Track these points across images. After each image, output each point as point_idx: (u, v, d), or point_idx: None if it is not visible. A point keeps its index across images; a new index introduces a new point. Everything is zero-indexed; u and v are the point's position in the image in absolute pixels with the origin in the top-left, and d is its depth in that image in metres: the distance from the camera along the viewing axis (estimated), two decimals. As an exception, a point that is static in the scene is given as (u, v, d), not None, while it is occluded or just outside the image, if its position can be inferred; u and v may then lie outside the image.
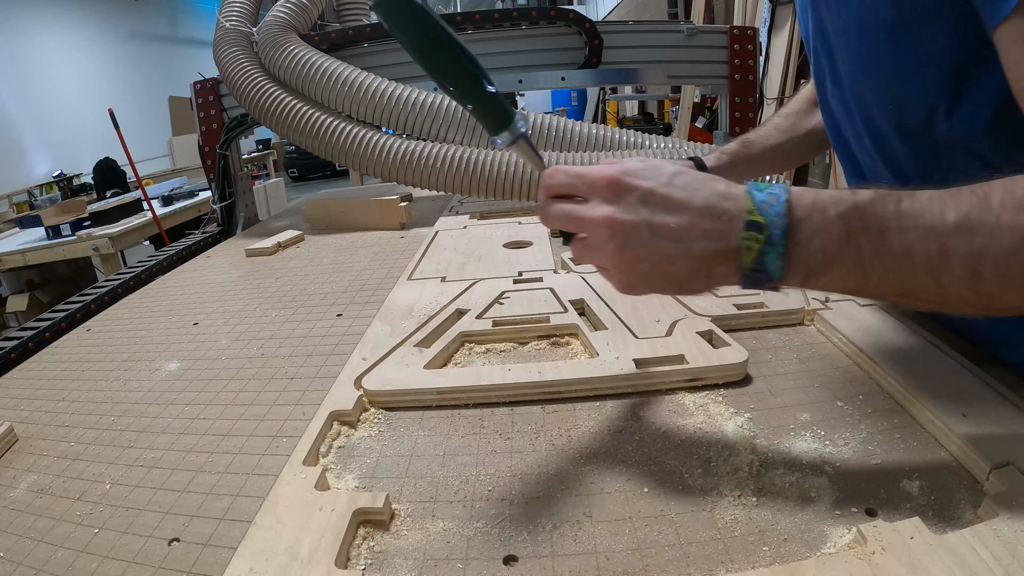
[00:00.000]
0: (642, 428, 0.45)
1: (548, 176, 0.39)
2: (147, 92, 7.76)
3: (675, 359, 0.52)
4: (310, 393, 0.55)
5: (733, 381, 0.50)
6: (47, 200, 4.27)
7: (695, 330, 0.56)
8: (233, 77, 1.18)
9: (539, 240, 0.92)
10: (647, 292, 0.38)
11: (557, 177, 0.39)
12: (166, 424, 0.53)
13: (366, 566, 0.35)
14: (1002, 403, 0.42)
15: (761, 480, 0.39)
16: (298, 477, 0.41)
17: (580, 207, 0.37)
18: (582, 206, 0.37)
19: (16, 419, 0.55)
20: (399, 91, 1.10)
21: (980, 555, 0.30)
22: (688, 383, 0.50)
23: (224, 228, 1.41)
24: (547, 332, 0.61)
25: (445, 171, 1.07)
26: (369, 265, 0.93)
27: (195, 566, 0.36)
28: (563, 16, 1.28)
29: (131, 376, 0.63)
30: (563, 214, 0.38)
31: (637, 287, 0.38)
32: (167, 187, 3.66)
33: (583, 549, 0.35)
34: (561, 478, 0.41)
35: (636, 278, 0.37)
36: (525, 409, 0.49)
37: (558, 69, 1.28)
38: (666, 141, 1.13)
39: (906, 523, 0.33)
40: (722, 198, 0.35)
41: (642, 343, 0.55)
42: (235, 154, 1.39)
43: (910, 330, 0.54)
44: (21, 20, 6.23)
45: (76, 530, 0.40)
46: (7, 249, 2.68)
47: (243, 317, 0.76)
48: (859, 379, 0.50)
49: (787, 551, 0.33)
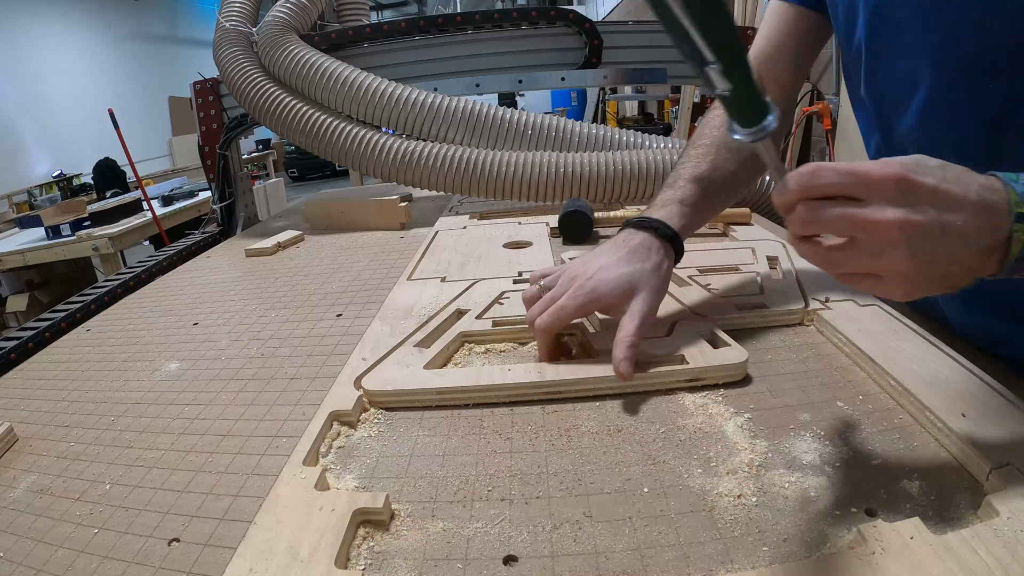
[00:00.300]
0: (642, 428, 0.45)
1: (813, 175, 0.35)
2: (147, 92, 7.76)
3: (675, 359, 0.52)
4: (310, 393, 0.55)
5: (733, 381, 0.50)
6: (47, 200, 4.28)
7: (695, 330, 0.56)
8: (233, 77, 1.18)
9: (539, 240, 0.92)
10: (925, 295, 0.36)
11: (826, 176, 0.34)
12: (166, 424, 0.53)
13: (366, 566, 0.35)
14: (1002, 403, 0.42)
15: (761, 480, 0.39)
16: (298, 477, 0.41)
17: (863, 210, 0.34)
18: (864, 208, 0.34)
19: (16, 419, 0.55)
20: (399, 91, 1.10)
21: (980, 555, 0.30)
22: (688, 383, 0.50)
23: (224, 228, 1.41)
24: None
25: (445, 171, 1.07)
26: (369, 265, 0.93)
27: (195, 566, 0.36)
28: (563, 16, 1.28)
29: (131, 376, 0.63)
30: (841, 218, 0.34)
31: (919, 291, 0.36)
32: (167, 187, 3.67)
33: (583, 549, 0.35)
34: (561, 478, 0.41)
35: (923, 282, 0.35)
36: (525, 409, 0.49)
37: (558, 69, 1.28)
38: (666, 141, 1.13)
39: (906, 523, 0.33)
40: (990, 191, 0.34)
41: (642, 343, 0.54)
42: (235, 154, 1.39)
43: (910, 330, 0.54)
44: (21, 20, 6.23)
45: (76, 530, 0.40)
46: (7, 249, 2.69)
47: (243, 317, 0.77)
48: (859, 379, 0.50)
49: (787, 551, 0.33)
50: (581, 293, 0.52)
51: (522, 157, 1.05)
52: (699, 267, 0.73)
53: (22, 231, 3.09)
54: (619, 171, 1.03)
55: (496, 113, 1.11)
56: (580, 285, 0.52)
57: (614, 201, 1.07)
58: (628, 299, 0.51)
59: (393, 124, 1.13)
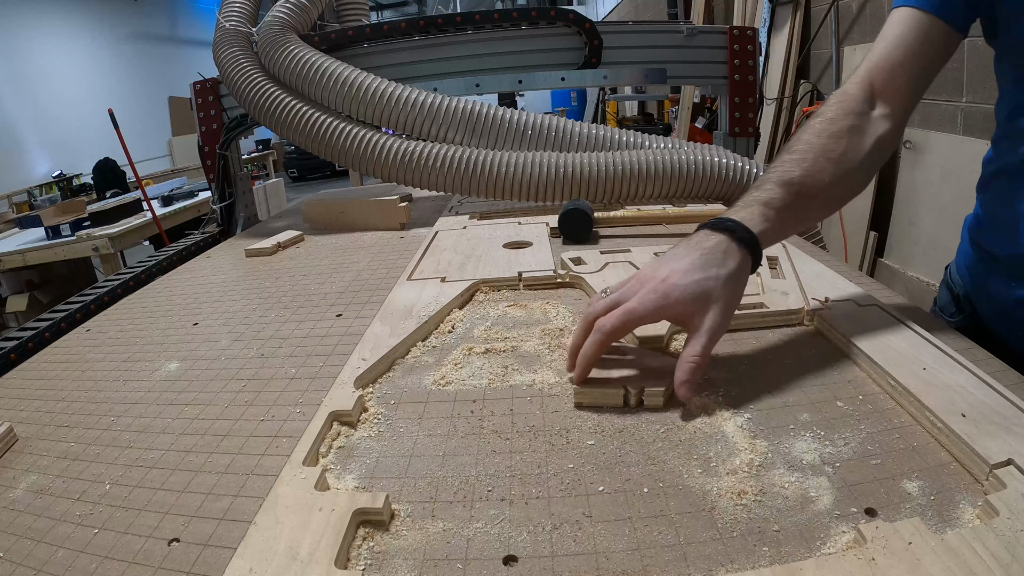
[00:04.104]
0: (642, 428, 0.45)
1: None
2: (147, 92, 7.77)
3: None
4: (310, 393, 0.55)
5: (731, 382, 0.50)
6: (47, 200, 4.28)
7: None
8: (233, 77, 1.18)
9: (539, 240, 0.92)
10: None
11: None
12: (166, 424, 0.53)
13: (366, 566, 0.35)
14: (1002, 403, 0.42)
15: (761, 480, 0.39)
16: (298, 477, 0.41)
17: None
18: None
19: (16, 419, 0.55)
20: (399, 91, 1.10)
21: (980, 555, 0.30)
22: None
23: (224, 228, 1.41)
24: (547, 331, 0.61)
25: (445, 171, 1.07)
26: (369, 265, 0.93)
27: (195, 566, 0.36)
28: (563, 16, 1.28)
29: (131, 376, 0.63)
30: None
31: None
32: (167, 187, 3.67)
33: (583, 549, 0.35)
34: (561, 478, 0.41)
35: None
36: (525, 409, 0.49)
37: (558, 69, 1.28)
38: (666, 141, 1.13)
39: (906, 523, 0.33)
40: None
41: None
42: (235, 154, 1.39)
43: (910, 330, 0.54)
44: (21, 20, 6.23)
45: (76, 530, 0.40)
46: (7, 249, 2.69)
47: (243, 317, 0.76)
48: (859, 379, 0.50)
49: (787, 551, 0.33)
50: (653, 297, 0.47)
51: (522, 157, 1.05)
52: (699, 267, 0.73)
53: (22, 231, 3.10)
54: (619, 171, 1.03)
55: (496, 113, 1.11)
56: (652, 288, 0.48)
57: (614, 201, 1.07)
58: (701, 310, 0.47)
59: (393, 124, 1.12)
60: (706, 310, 0.47)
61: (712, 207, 1.02)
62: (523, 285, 0.75)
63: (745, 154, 1.31)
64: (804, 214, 0.55)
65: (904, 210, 2.35)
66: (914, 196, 2.28)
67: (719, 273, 0.48)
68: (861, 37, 2.60)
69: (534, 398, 0.50)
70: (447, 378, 0.55)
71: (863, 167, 0.56)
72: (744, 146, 1.35)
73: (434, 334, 0.64)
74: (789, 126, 3.07)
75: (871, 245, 2.48)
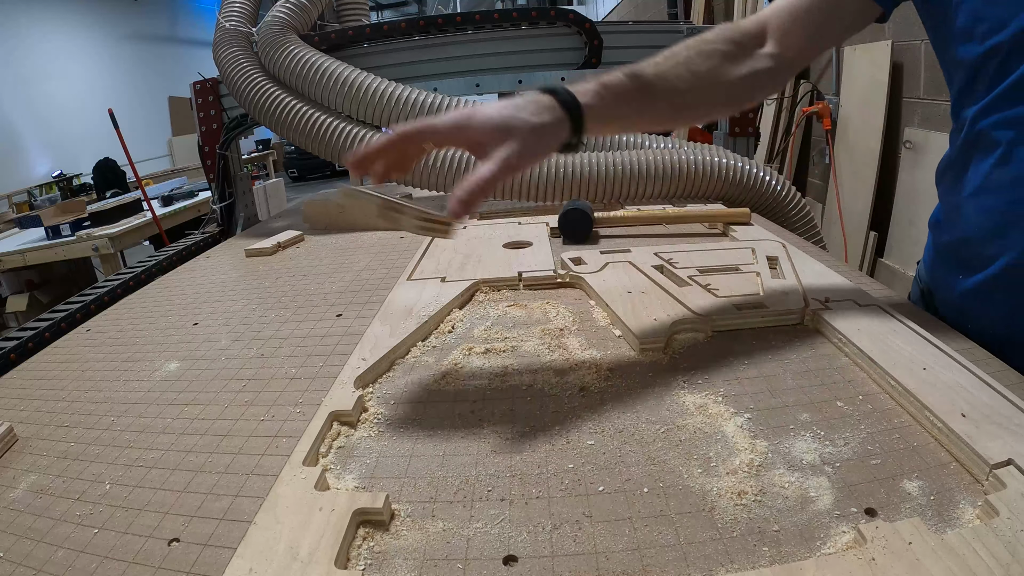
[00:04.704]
0: (642, 428, 0.45)
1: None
2: (147, 92, 7.77)
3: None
4: (310, 393, 0.55)
5: (731, 382, 0.50)
6: (47, 200, 4.27)
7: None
8: (233, 77, 1.18)
9: (539, 240, 0.92)
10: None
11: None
12: (166, 424, 0.53)
13: (366, 566, 0.35)
14: (1002, 403, 0.42)
15: (761, 480, 0.39)
16: (298, 477, 0.41)
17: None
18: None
19: (16, 419, 0.55)
20: (399, 91, 1.10)
21: (980, 555, 0.30)
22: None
23: (224, 228, 1.41)
24: (547, 331, 0.61)
25: (445, 171, 1.07)
26: (369, 265, 0.93)
27: (195, 566, 0.36)
28: (563, 16, 1.28)
29: (131, 376, 0.63)
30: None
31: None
32: (167, 187, 3.67)
33: (583, 549, 0.35)
34: (561, 478, 0.41)
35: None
36: (525, 409, 0.49)
37: (558, 69, 1.28)
38: (666, 141, 1.13)
39: (906, 523, 0.33)
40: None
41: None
42: (235, 154, 1.39)
43: (910, 330, 0.54)
44: (21, 20, 6.23)
45: (76, 530, 0.40)
46: (7, 249, 2.69)
47: (243, 317, 0.76)
48: (859, 379, 0.50)
49: (787, 551, 0.33)
50: (455, 115, 0.48)
51: (522, 157, 1.05)
52: (699, 267, 0.73)
53: (22, 231, 3.09)
54: (619, 171, 1.03)
55: (496, 113, 1.11)
56: (458, 111, 0.49)
57: (614, 201, 1.07)
58: (499, 140, 0.47)
59: (393, 124, 1.13)
60: (504, 142, 0.47)
61: (712, 207, 1.02)
62: (523, 285, 0.75)
63: (745, 154, 1.31)
64: (643, 108, 0.54)
65: (904, 210, 2.35)
66: (914, 196, 2.28)
67: (529, 119, 0.48)
68: (861, 37, 2.60)
69: (534, 398, 0.51)
70: (447, 378, 0.55)
71: (728, 91, 0.56)
72: (744, 146, 1.35)
73: (434, 334, 0.64)
74: (789, 126, 3.07)
75: (871, 245, 2.48)
